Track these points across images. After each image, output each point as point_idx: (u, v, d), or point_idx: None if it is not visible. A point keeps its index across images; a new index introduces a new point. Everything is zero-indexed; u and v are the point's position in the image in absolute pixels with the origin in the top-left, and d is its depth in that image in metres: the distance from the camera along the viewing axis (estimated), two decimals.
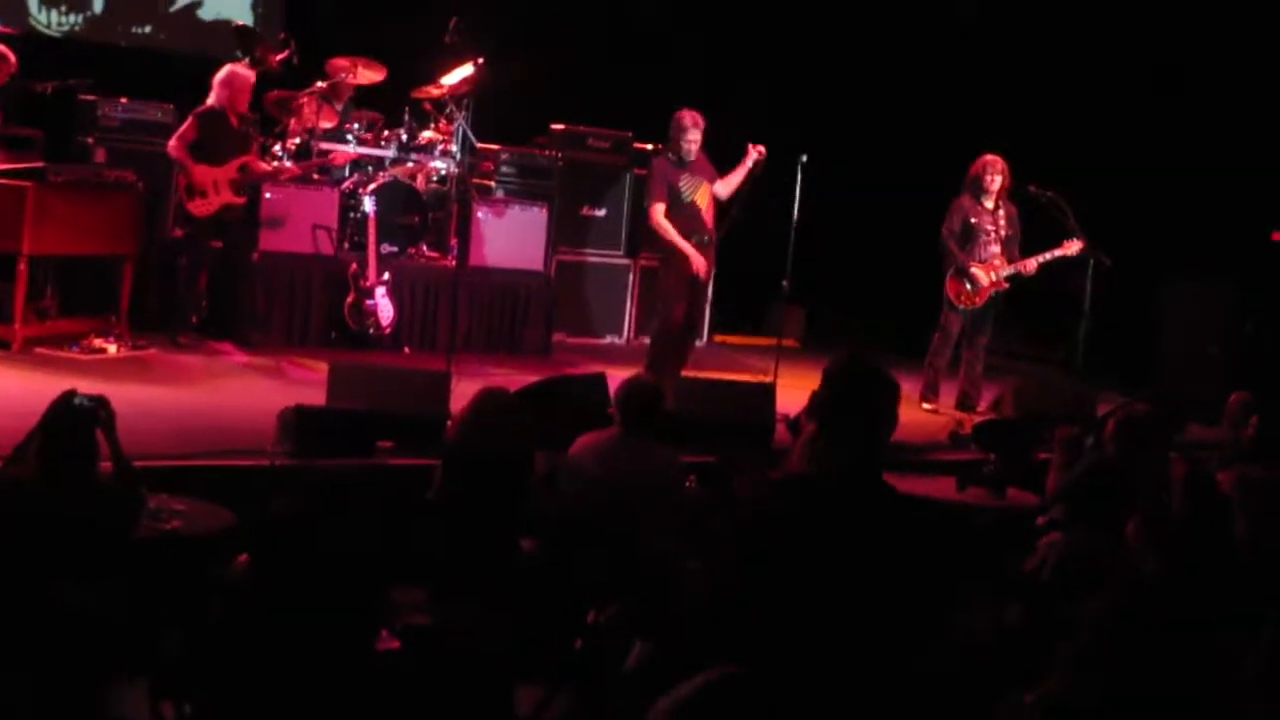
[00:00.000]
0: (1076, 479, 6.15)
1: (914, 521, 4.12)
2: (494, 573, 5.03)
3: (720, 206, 9.54)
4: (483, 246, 11.33)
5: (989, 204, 10.08)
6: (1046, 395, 9.70)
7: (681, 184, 9.32)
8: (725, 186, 9.43)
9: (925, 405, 10.08)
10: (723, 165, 9.48)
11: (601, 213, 12.42)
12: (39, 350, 9.18)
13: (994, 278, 10.02)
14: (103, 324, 9.65)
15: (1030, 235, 10.18)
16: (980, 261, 10.03)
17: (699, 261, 9.25)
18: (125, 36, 13.14)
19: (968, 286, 10.05)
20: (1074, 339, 10.33)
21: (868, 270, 13.04)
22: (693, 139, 9.30)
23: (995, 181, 10.01)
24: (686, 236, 9.26)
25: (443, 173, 11.57)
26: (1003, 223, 10.08)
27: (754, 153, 9.38)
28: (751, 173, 9.40)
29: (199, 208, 10.02)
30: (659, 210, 9.30)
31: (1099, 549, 5.16)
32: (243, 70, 10.38)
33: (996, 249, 10.05)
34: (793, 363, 9.95)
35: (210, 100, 10.16)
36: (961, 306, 10.09)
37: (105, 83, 11.08)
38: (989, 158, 10.06)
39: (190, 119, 10.09)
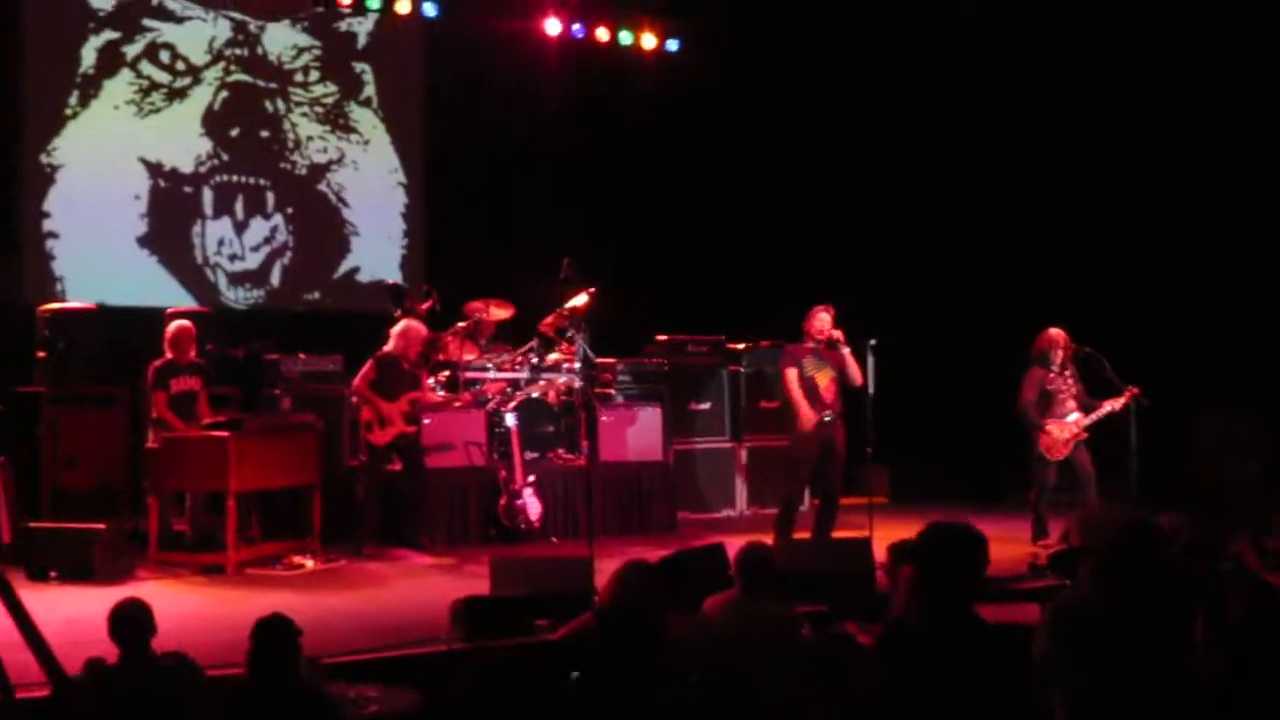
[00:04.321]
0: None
1: (1006, 648, 4.25)
2: None
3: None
4: (609, 445, 11.49)
5: (1057, 368, 10.36)
6: (1108, 522, 9.55)
7: (805, 361, 9.38)
8: (852, 375, 9.41)
9: (1036, 543, 10.10)
10: None
11: (706, 406, 12.62)
12: (249, 571, 9.35)
13: (1074, 429, 10.28)
14: (299, 544, 9.82)
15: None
16: (1060, 418, 10.31)
17: (809, 417, 9.20)
18: (299, 303, 13.59)
19: (1055, 442, 10.29)
20: (1126, 471, 10.24)
21: (940, 428, 13.00)
22: (818, 318, 9.36)
23: (1059, 355, 10.34)
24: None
25: (570, 386, 11.77)
26: (1070, 381, 10.39)
27: (837, 338, 9.39)
28: (854, 354, 9.42)
29: (378, 437, 10.29)
30: (791, 374, 9.34)
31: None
32: (416, 325, 10.66)
33: (1072, 404, 10.36)
34: (884, 516, 9.87)
35: (388, 347, 10.45)
36: (1053, 459, 10.32)
37: (285, 343, 11.50)
38: (1055, 334, 10.38)
39: (371, 361, 10.38)
